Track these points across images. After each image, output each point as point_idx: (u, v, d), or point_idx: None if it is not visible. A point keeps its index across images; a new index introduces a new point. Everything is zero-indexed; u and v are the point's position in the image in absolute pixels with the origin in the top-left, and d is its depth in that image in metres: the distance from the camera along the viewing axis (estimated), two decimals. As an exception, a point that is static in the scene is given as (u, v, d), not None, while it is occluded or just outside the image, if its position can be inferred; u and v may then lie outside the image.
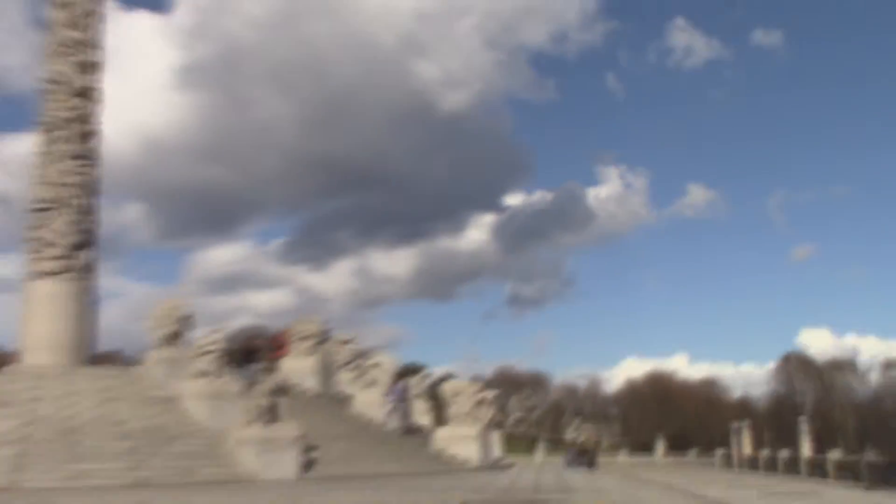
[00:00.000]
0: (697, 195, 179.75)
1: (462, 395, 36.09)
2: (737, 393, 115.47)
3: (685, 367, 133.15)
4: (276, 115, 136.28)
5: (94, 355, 31.36)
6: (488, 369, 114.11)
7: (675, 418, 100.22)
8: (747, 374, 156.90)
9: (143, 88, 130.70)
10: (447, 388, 37.25)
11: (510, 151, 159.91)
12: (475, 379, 56.76)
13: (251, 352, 36.55)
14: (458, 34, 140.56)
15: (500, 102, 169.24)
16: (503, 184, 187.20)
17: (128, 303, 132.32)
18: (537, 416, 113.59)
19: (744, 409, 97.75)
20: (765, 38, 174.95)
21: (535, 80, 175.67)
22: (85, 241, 30.98)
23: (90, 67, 32.08)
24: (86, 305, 30.79)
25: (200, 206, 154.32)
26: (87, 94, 31.84)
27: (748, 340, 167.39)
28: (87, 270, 31.03)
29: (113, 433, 24.27)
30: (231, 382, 27.02)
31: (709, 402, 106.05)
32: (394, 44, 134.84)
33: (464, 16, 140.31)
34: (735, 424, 66.82)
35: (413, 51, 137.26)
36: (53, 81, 31.58)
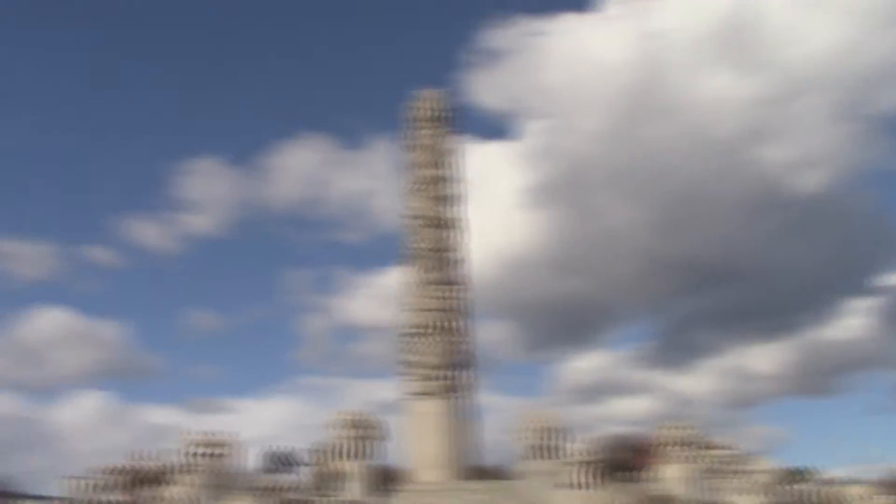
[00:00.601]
0: None
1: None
2: None
3: None
4: (624, 221, 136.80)
5: (476, 470, 32.71)
6: (878, 470, 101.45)
7: None
8: None
9: (499, 212, 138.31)
10: (853, 494, 33.49)
11: (880, 228, 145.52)
12: (870, 481, 50.65)
13: (621, 461, 35.88)
14: (802, 113, 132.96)
15: (860, 177, 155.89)
16: (876, 264, 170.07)
17: (502, 417, 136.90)
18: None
19: None
20: None
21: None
22: (458, 361, 32.95)
23: (449, 200, 34.81)
24: (464, 422, 32.44)
25: (561, 318, 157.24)
26: (447, 225, 34.47)
27: None
28: (463, 389, 32.85)
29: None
30: (605, 493, 26.69)
31: None
32: (733, 133, 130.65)
33: (806, 93, 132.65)
34: None
35: (755, 137, 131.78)
36: (416, 217, 34.66)
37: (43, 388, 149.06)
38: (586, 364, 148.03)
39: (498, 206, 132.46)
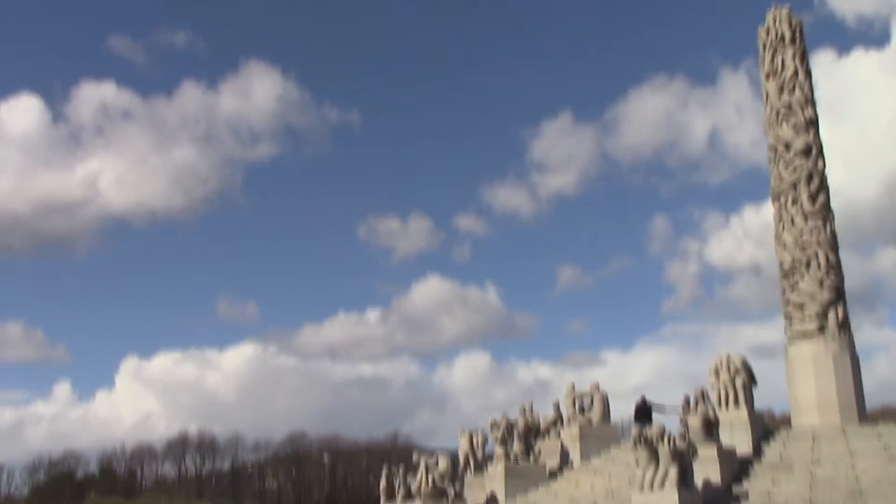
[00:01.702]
0: None
1: None
2: None
3: None
4: None
5: (865, 412, 30.32)
6: None
7: None
8: None
9: (871, 130, 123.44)
10: None
11: None
12: None
13: None
14: None
15: None
16: None
17: (894, 355, 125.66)
18: None
19: None
20: None
21: None
22: (834, 297, 30.53)
23: (807, 126, 32.13)
24: (846, 362, 30.07)
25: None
26: (808, 153, 31.87)
27: None
28: (842, 326, 30.42)
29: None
30: None
31: None
32: None
33: None
34: None
35: None
36: (775, 148, 32.41)
37: (431, 353, 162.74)
38: None
39: (876, 121, 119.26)
